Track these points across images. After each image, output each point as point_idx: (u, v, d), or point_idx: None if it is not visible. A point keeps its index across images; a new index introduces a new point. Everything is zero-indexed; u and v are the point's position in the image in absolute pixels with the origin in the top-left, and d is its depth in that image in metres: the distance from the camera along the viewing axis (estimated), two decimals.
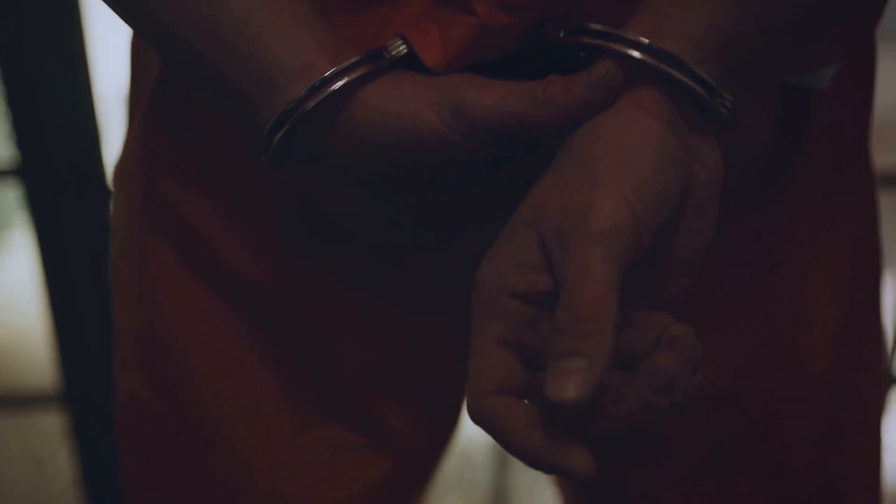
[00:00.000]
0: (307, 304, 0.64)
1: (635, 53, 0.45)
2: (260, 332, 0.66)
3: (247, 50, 0.49)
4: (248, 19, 0.48)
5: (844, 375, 0.67)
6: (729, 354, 0.64)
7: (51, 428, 1.77)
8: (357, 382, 0.67)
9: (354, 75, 0.48)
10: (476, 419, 0.43)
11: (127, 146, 0.68)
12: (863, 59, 0.63)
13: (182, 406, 0.68)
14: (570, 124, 0.45)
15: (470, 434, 0.63)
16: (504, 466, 1.87)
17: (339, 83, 0.48)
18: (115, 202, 0.71)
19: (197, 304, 0.66)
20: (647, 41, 0.45)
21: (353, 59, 0.48)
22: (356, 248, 0.62)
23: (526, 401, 0.44)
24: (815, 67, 0.58)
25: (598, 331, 0.39)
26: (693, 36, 0.45)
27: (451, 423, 0.74)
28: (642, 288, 0.46)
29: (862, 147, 0.66)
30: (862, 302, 0.67)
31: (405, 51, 0.49)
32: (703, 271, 0.52)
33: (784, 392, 0.66)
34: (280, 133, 0.49)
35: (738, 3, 0.45)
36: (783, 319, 0.64)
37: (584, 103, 0.45)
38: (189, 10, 0.49)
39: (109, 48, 1.41)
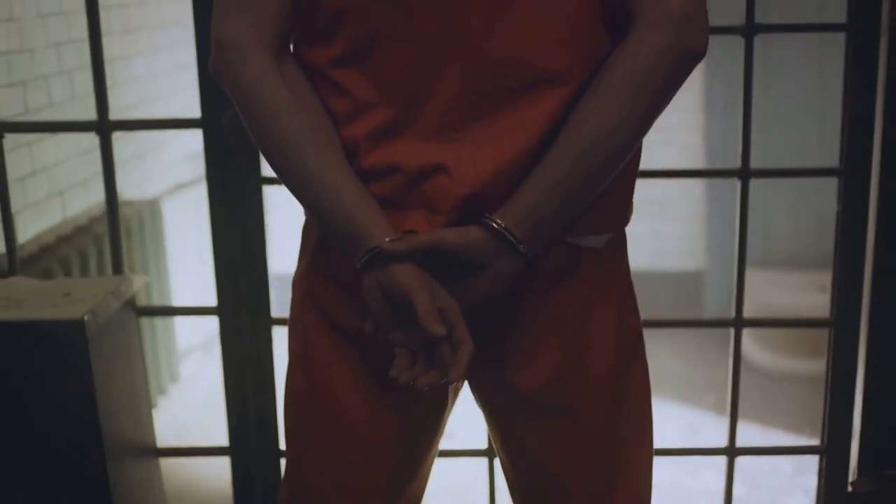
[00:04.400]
0: (377, 345, 1.31)
1: (494, 225, 1.16)
2: (355, 356, 1.34)
3: (343, 211, 1.18)
4: (344, 200, 1.18)
5: (620, 373, 1.33)
6: (552, 358, 1.29)
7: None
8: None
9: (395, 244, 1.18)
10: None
11: (298, 270, 1.40)
12: (621, 228, 1.33)
13: (315, 389, 1.36)
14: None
15: None
16: None
17: (391, 248, 1.17)
18: (292, 297, 1.42)
19: (324, 340, 1.35)
20: (498, 222, 1.16)
21: (400, 237, 1.18)
22: None
23: None
24: (592, 234, 1.28)
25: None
26: (523, 214, 1.16)
27: (445, 396, 1.40)
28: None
29: (621, 267, 1.34)
30: (627, 332, 1.34)
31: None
32: (530, 319, 1.22)
33: (581, 381, 1.31)
34: (362, 259, 1.19)
35: (551, 199, 1.15)
36: (577, 338, 1.30)
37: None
38: (293, 176, 1.20)
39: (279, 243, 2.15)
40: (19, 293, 1.89)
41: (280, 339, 1.80)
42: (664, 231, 4.63)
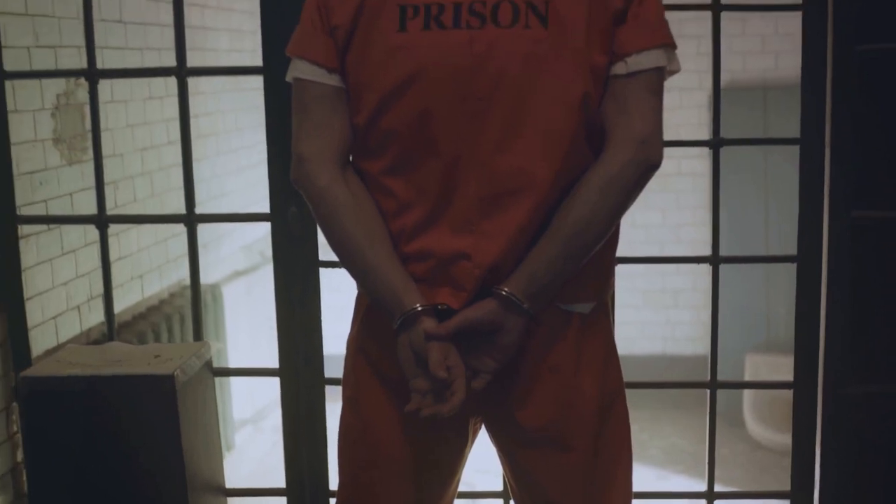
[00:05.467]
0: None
1: (503, 292, 1.54)
2: (394, 397, 1.70)
3: (387, 286, 1.57)
4: (388, 279, 1.56)
5: (604, 416, 1.68)
6: (549, 400, 1.65)
7: None
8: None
9: (426, 309, 1.56)
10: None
11: (352, 332, 1.76)
12: (603, 299, 1.69)
13: (363, 424, 1.73)
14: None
15: None
16: None
17: (422, 311, 1.56)
18: (346, 353, 1.79)
19: (372, 385, 1.71)
20: (506, 290, 1.53)
21: (428, 305, 1.57)
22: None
23: None
24: (579, 303, 1.65)
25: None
26: (524, 282, 1.54)
27: (466, 433, 1.75)
28: (481, 361, 1.55)
29: (605, 329, 1.71)
30: (610, 383, 1.69)
31: (446, 307, 1.58)
32: (532, 370, 1.59)
33: (571, 419, 1.66)
34: (399, 321, 1.57)
35: (544, 270, 1.54)
36: (569, 385, 1.66)
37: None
38: (350, 260, 1.60)
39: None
40: (118, 354, 2.28)
41: (331, 395, 2.18)
42: (676, 319, 4.98)
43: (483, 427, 1.76)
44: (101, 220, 2.36)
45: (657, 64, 1.56)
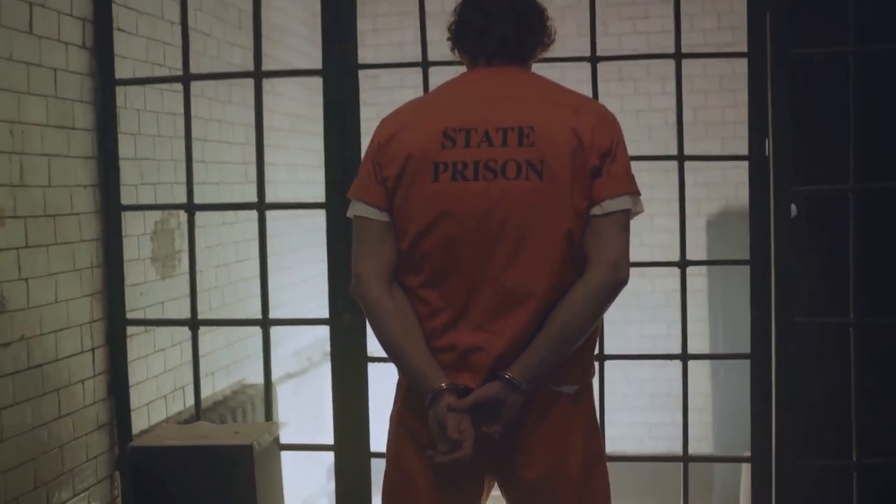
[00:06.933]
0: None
1: (507, 376, 2.04)
2: (427, 459, 2.20)
3: (421, 373, 2.08)
4: (421, 364, 2.08)
5: (587, 474, 2.17)
6: (543, 459, 2.12)
7: None
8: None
9: (448, 387, 2.07)
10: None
11: (394, 408, 2.27)
12: (586, 383, 2.20)
13: (403, 479, 2.22)
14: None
15: None
16: None
17: (445, 389, 2.07)
18: (389, 426, 2.30)
19: (410, 449, 2.20)
20: (508, 375, 2.04)
21: (451, 385, 2.08)
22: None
23: None
24: (566, 385, 2.15)
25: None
26: (522, 369, 2.05)
27: (481, 485, 2.24)
28: (489, 427, 2.01)
29: (588, 406, 2.21)
30: (592, 449, 2.18)
31: (464, 387, 2.09)
32: (530, 437, 2.10)
33: (562, 473, 2.13)
34: (430, 398, 2.08)
35: (538, 360, 2.05)
36: (559, 448, 2.14)
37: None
38: (394, 353, 2.11)
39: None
40: (204, 431, 2.81)
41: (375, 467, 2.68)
42: (681, 420, 5.43)
43: (496, 485, 2.25)
44: (194, 323, 2.93)
45: (625, 207, 2.07)
